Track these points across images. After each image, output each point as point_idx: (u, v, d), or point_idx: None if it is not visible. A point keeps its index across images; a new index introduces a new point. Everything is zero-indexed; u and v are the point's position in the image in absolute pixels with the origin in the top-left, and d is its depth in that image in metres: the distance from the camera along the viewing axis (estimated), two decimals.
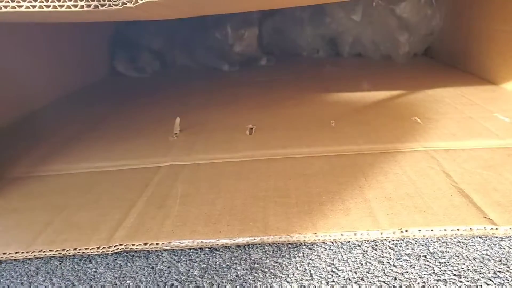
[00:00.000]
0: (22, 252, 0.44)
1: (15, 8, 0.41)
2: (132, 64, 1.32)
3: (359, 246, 0.44)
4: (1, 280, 0.42)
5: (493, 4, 0.96)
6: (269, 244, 0.44)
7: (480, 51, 1.03)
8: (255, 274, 0.40)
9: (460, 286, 0.38)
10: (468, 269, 0.40)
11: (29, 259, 0.45)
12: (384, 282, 0.39)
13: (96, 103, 1.05)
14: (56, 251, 0.44)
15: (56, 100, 1.04)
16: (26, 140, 0.77)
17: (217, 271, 0.41)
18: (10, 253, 0.44)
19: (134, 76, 1.31)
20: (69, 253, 0.44)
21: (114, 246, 0.44)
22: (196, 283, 0.40)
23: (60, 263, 0.44)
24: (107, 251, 0.44)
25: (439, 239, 0.44)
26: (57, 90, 1.07)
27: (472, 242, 0.43)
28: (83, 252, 0.44)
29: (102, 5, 0.41)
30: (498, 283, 0.38)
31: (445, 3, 1.25)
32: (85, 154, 0.69)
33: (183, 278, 0.41)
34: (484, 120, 0.72)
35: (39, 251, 0.44)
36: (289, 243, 0.44)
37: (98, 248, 0.44)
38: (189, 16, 0.74)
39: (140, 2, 0.40)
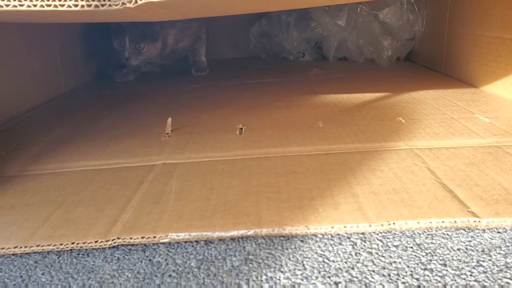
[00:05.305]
0: (21, 247, 0.45)
1: (17, 7, 0.42)
2: (117, 68, 1.32)
3: (349, 238, 0.45)
4: (0, 274, 0.43)
5: (473, 10, 1.00)
6: (263, 237, 0.46)
7: (460, 55, 1.06)
8: (250, 265, 0.42)
9: (445, 274, 0.40)
10: (453, 259, 0.42)
11: (27, 253, 0.45)
12: (373, 271, 0.40)
13: (85, 105, 1.05)
14: (54, 245, 0.45)
15: (45, 102, 1.04)
16: (18, 140, 0.77)
17: (213, 262, 0.43)
18: (8, 248, 0.45)
19: (120, 80, 1.31)
20: (67, 247, 0.45)
21: (112, 240, 0.45)
22: (193, 274, 0.41)
23: (58, 257, 0.45)
24: (104, 245, 0.45)
25: (425, 231, 0.46)
26: (46, 92, 1.07)
27: (456, 233, 0.46)
28: (81, 247, 0.45)
29: (102, 5, 0.42)
30: (482, 271, 0.40)
31: (426, 9, 1.29)
32: (78, 154, 0.69)
33: (180, 269, 0.42)
34: (465, 121, 0.75)
35: (38, 246, 0.45)
36: (282, 236, 0.46)
37: (96, 242, 0.45)
38: (187, 17, 0.75)
39: (140, 2, 0.42)
